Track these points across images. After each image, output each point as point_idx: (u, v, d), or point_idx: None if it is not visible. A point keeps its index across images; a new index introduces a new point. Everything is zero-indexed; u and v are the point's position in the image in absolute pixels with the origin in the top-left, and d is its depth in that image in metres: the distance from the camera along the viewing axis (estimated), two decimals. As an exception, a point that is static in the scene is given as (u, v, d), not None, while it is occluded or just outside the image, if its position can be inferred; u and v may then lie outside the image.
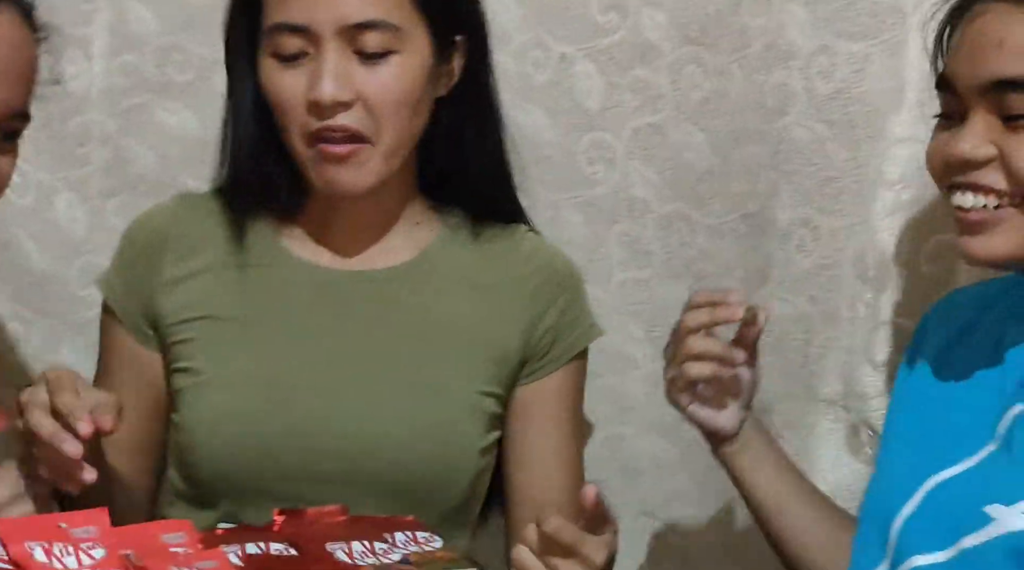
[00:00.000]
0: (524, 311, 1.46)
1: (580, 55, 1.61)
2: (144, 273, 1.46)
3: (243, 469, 1.41)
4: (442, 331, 1.46)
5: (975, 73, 1.17)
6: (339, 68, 1.32)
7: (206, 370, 1.43)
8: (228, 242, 1.46)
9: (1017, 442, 1.17)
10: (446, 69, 1.40)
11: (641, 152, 1.63)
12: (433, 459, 1.41)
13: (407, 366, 1.44)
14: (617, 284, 1.63)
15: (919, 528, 1.22)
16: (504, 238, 1.48)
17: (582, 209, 1.61)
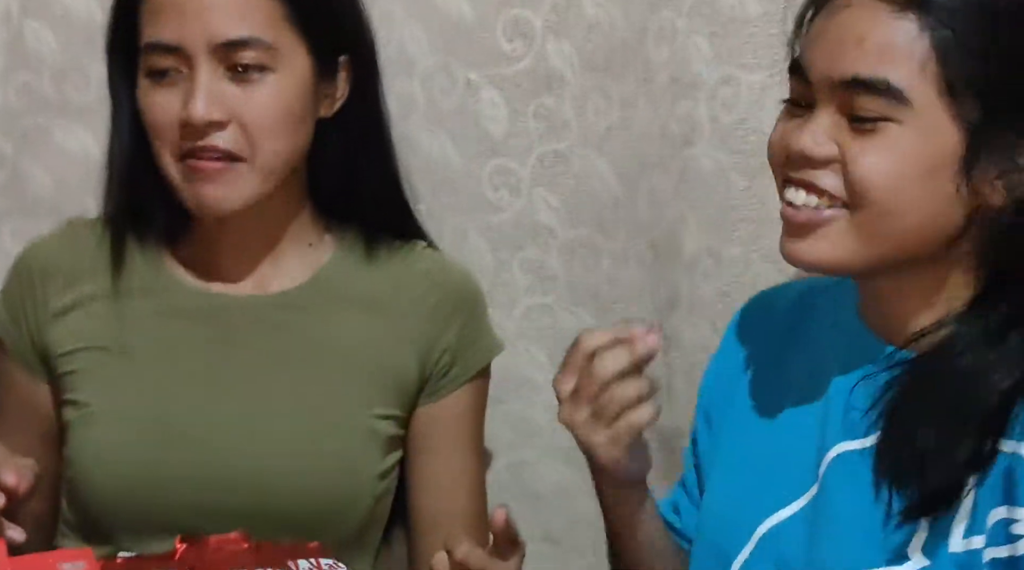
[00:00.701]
0: (421, 330, 1.44)
1: (485, 82, 1.62)
2: (31, 304, 1.44)
3: (133, 504, 1.38)
4: (336, 355, 1.44)
5: (830, 67, 1.14)
6: (212, 87, 1.31)
7: (92, 403, 1.40)
8: (113, 270, 1.44)
9: (829, 491, 1.17)
10: (329, 89, 1.39)
11: (546, 179, 1.64)
12: (330, 487, 1.39)
13: (300, 393, 1.43)
14: (522, 310, 1.63)
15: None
16: (400, 256, 1.46)
17: (486, 234, 1.61)
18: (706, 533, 1.25)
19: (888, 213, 1.10)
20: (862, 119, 1.09)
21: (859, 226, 1.11)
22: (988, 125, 1.09)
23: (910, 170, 1.10)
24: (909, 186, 1.10)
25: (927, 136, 1.09)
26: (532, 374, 1.64)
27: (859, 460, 1.14)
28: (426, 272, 1.46)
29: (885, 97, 1.08)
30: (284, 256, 1.43)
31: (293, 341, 1.42)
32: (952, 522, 1.10)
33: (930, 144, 1.09)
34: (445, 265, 1.48)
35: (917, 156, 1.09)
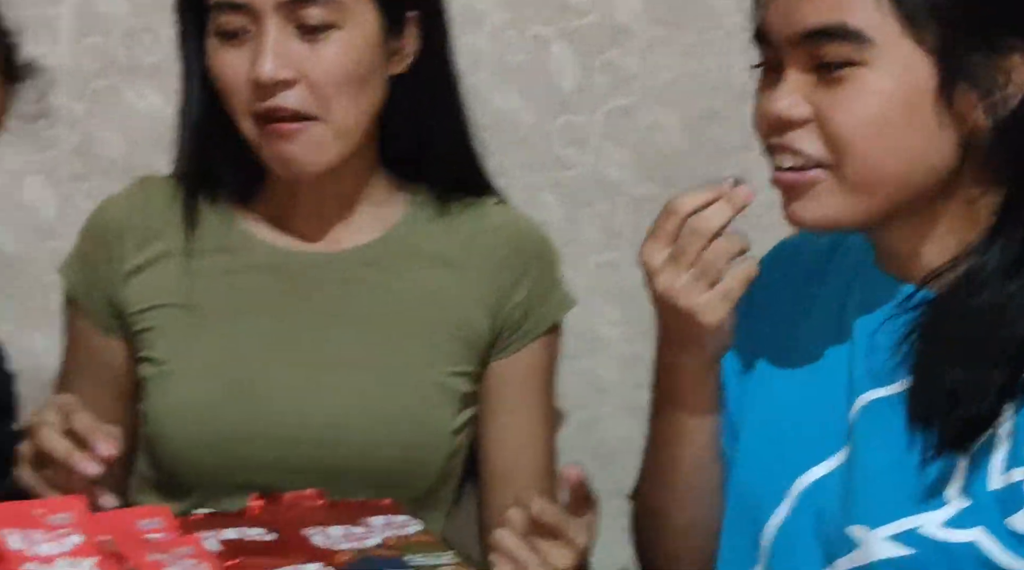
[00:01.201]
0: (493, 286, 1.45)
1: (555, 36, 1.61)
2: (105, 263, 1.46)
3: (210, 461, 1.40)
4: (409, 311, 1.45)
5: (787, 24, 1.13)
6: (279, 46, 1.31)
7: (168, 360, 1.42)
8: (185, 227, 1.45)
9: (860, 442, 1.17)
10: (398, 46, 1.38)
11: (614, 135, 1.64)
12: (403, 444, 1.40)
13: (373, 350, 1.43)
14: (592, 266, 1.63)
15: (791, 542, 1.21)
16: (472, 212, 1.46)
17: (556, 191, 1.62)
18: (738, 491, 1.25)
19: (874, 162, 1.10)
20: (829, 68, 1.09)
21: (846, 181, 1.10)
22: (956, 50, 1.09)
23: (887, 112, 1.09)
24: (889, 130, 1.09)
25: (897, 73, 1.09)
26: (603, 330, 1.64)
27: (889, 407, 1.14)
28: (498, 227, 1.46)
29: (846, 41, 1.08)
30: (356, 213, 1.44)
31: (365, 297, 1.43)
32: (989, 459, 1.09)
33: (902, 81, 1.09)
34: (517, 220, 1.48)
35: (891, 96, 1.09)
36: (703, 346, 1.19)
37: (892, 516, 1.10)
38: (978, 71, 1.08)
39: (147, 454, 1.44)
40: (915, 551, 1.10)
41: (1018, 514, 1.06)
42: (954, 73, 1.07)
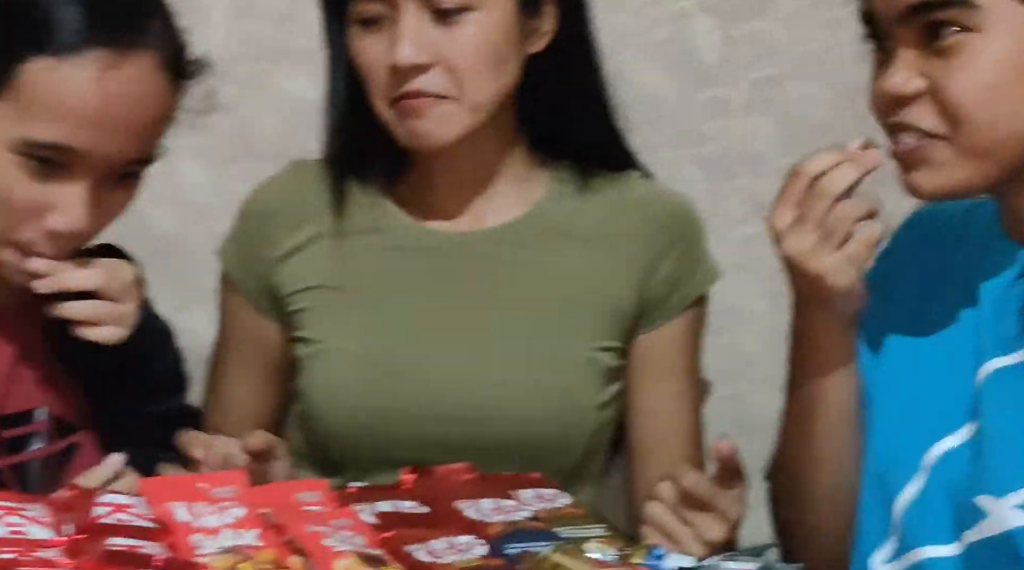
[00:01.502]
0: (639, 260, 1.44)
1: (697, 8, 1.60)
2: (260, 246, 1.49)
3: (364, 437, 1.43)
4: (554, 287, 1.45)
5: (891, 2, 1.12)
6: (417, 31, 1.33)
7: (322, 340, 1.45)
8: (335, 210, 1.48)
9: (988, 411, 1.15)
10: (535, 25, 1.39)
11: (759, 106, 1.63)
12: (551, 419, 1.41)
13: (520, 326, 1.44)
14: (738, 239, 1.61)
15: (923, 514, 1.20)
16: (615, 187, 1.46)
17: (701, 164, 1.60)
18: (872, 463, 1.23)
19: (990, 128, 1.08)
20: (938, 38, 1.08)
21: (964, 149, 1.09)
22: None
23: (1001, 77, 1.08)
24: (1004, 95, 1.08)
25: (1008, 36, 1.07)
26: (748, 304, 1.62)
27: (1015, 375, 1.12)
28: (642, 202, 1.46)
29: (953, 7, 1.06)
30: (499, 192, 1.45)
31: (511, 274, 1.44)
32: None
33: (1014, 44, 1.08)
34: (661, 194, 1.47)
35: (1004, 61, 1.08)
36: (833, 309, 1.18)
37: (1020, 483, 1.09)
38: None
39: (302, 430, 1.47)
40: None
41: None
42: None
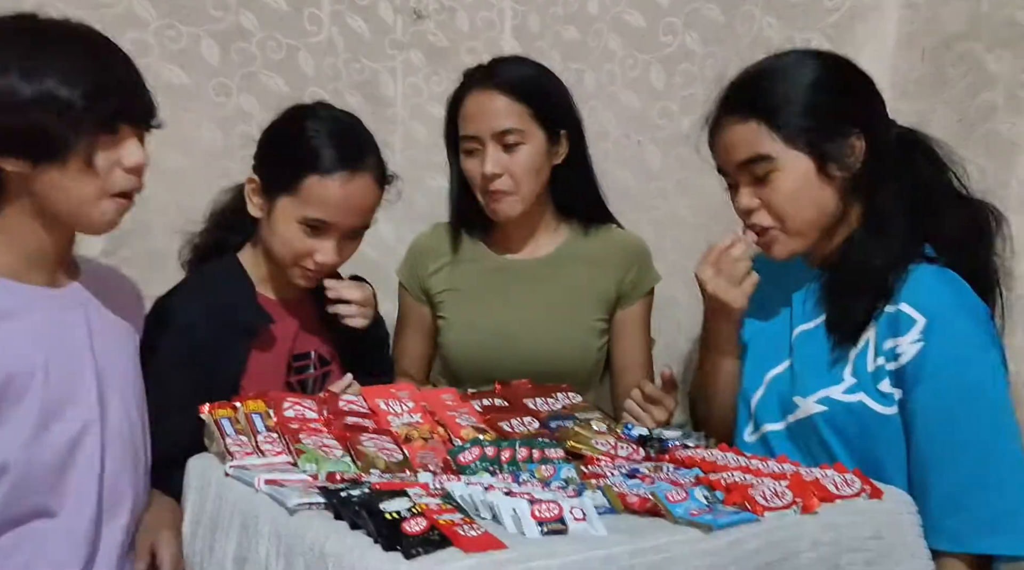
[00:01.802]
0: (617, 272, 1.66)
1: (647, 141, 1.86)
2: (417, 268, 1.74)
3: (472, 368, 1.67)
4: (572, 290, 1.67)
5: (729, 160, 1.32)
6: (495, 156, 1.57)
7: (449, 318, 1.71)
8: (453, 250, 1.72)
9: (797, 352, 1.34)
10: (557, 149, 1.62)
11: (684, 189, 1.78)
12: (574, 357, 1.65)
13: (554, 311, 1.65)
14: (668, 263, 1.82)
15: (765, 407, 1.37)
16: (603, 233, 1.68)
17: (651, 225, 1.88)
18: (742, 380, 1.44)
19: (800, 220, 1.31)
20: (760, 176, 1.30)
21: (790, 233, 1.33)
22: (818, 147, 1.28)
23: (798, 192, 1.30)
24: (803, 200, 1.30)
25: (794, 170, 1.29)
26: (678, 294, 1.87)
27: (811, 333, 1.35)
28: (617, 241, 1.69)
29: (761, 162, 1.29)
30: (541, 237, 1.70)
31: (549, 281, 1.67)
32: (866, 353, 1.27)
33: (798, 173, 1.29)
34: (628, 236, 1.72)
35: (796, 182, 1.30)
36: (733, 319, 1.37)
37: (815, 389, 1.31)
38: (834, 153, 1.28)
39: (442, 364, 1.74)
40: (827, 408, 1.29)
41: (882, 382, 1.25)
42: (822, 159, 1.28)
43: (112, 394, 1.27)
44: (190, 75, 1.81)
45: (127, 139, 1.18)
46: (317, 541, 0.98)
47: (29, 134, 1.13)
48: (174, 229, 1.63)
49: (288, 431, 1.25)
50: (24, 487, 1.16)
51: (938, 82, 1.57)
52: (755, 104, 1.29)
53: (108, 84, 1.15)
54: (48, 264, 1.25)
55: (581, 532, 0.99)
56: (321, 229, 1.46)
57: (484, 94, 1.57)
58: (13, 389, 1.16)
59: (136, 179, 1.20)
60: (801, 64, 1.32)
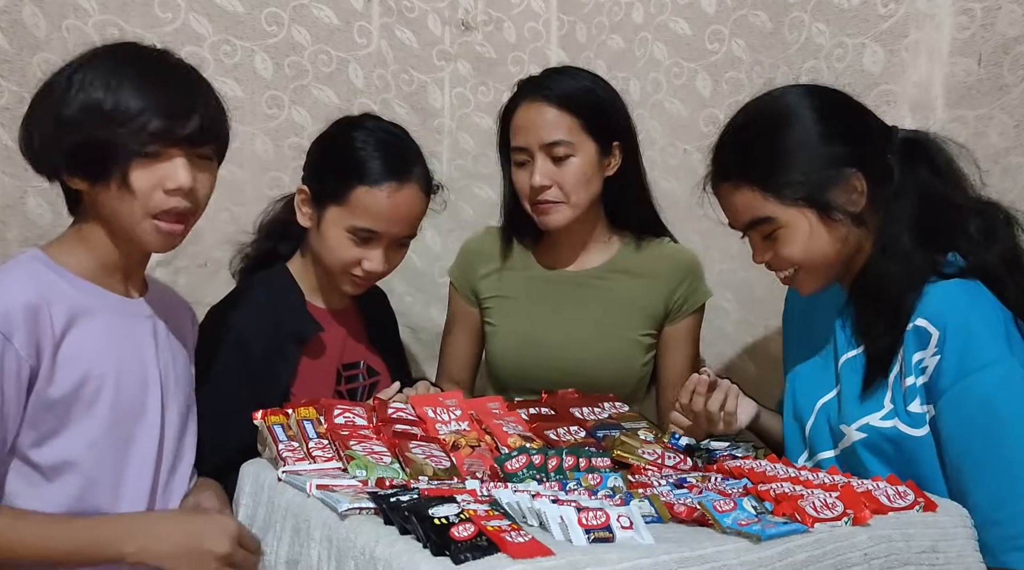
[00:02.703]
0: (667, 288, 1.67)
1: (693, 149, 1.86)
2: (468, 270, 1.76)
3: (518, 376, 1.68)
4: (621, 303, 1.68)
5: (737, 220, 1.34)
6: (543, 168, 1.57)
7: (496, 324, 1.73)
8: (503, 257, 1.73)
9: (844, 380, 1.34)
10: (609, 161, 1.62)
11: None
12: (617, 371, 1.66)
13: (602, 322, 1.66)
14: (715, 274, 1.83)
15: (817, 436, 1.37)
16: (655, 247, 1.69)
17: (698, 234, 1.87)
18: (790, 407, 1.45)
19: (818, 262, 1.32)
20: (768, 234, 1.32)
21: (809, 274, 1.34)
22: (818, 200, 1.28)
23: (806, 242, 1.31)
24: (814, 246, 1.31)
25: (797, 225, 1.30)
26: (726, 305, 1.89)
27: (854, 360, 1.36)
28: (669, 254, 1.70)
29: (766, 223, 1.30)
30: (592, 249, 1.70)
31: (597, 294, 1.68)
32: (900, 378, 1.27)
33: (801, 227, 1.30)
34: (680, 250, 1.71)
35: (802, 235, 1.30)
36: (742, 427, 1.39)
37: (857, 416, 1.31)
38: (835, 199, 1.27)
39: (489, 369, 1.75)
40: (867, 435, 1.30)
41: (913, 402, 1.25)
42: (823, 210, 1.27)
43: (170, 399, 1.31)
44: (244, 89, 1.85)
45: (171, 161, 1.21)
46: (368, 545, 1.00)
47: (76, 154, 1.18)
48: (227, 239, 1.68)
49: (338, 438, 1.27)
50: (86, 487, 1.21)
51: (995, 88, 1.56)
52: (744, 170, 1.28)
53: (145, 107, 1.18)
54: (121, 275, 1.30)
55: (628, 540, 1.00)
56: (369, 238, 1.49)
57: (534, 106, 1.57)
58: (88, 389, 1.21)
59: (178, 201, 1.22)
60: (785, 114, 1.29)
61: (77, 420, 1.19)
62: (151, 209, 1.22)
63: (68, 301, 1.21)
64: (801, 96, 1.32)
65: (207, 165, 1.26)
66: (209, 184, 1.26)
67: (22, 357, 1.15)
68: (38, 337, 1.16)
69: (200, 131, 1.21)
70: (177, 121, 1.19)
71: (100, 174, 1.19)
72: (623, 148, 1.62)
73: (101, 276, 1.27)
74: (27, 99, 1.23)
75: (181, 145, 1.21)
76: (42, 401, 1.18)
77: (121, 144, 1.17)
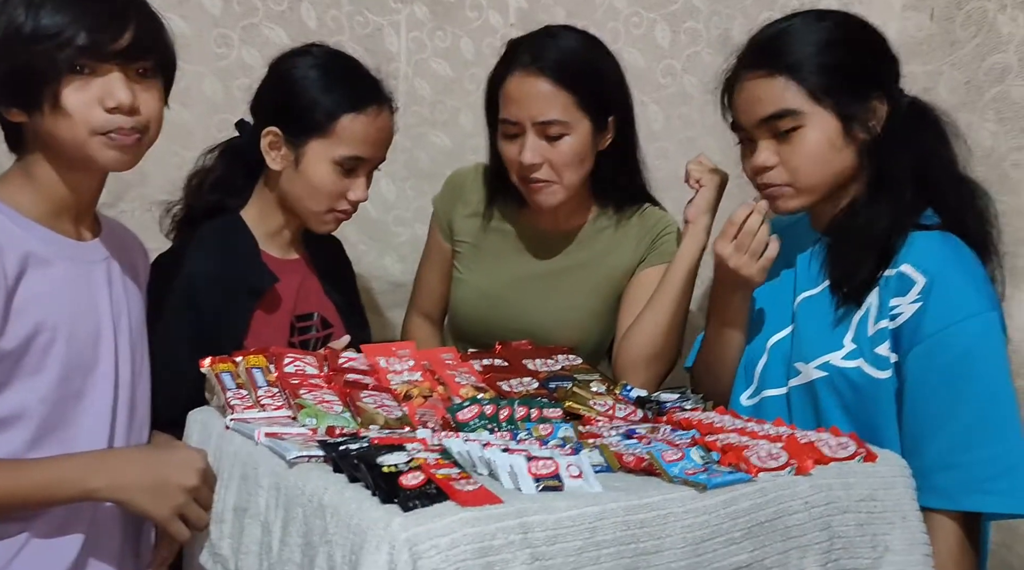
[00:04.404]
0: (634, 251, 1.65)
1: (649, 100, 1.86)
2: (450, 202, 1.73)
3: (477, 328, 1.68)
4: (588, 271, 1.67)
5: (751, 116, 1.33)
6: (534, 145, 1.53)
7: (462, 272, 1.72)
8: (487, 205, 1.69)
9: (800, 318, 1.37)
10: (602, 137, 1.58)
11: None
12: (572, 338, 1.63)
13: (566, 289, 1.66)
14: None
15: (768, 373, 1.40)
16: (632, 214, 1.66)
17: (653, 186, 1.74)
18: (748, 345, 1.46)
19: (816, 179, 1.32)
20: (783, 132, 1.31)
21: (800, 191, 1.34)
22: (844, 107, 1.29)
23: (821, 150, 1.30)
24: (824, 160, 1.31)
25: (820, 128, 1.30)
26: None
27: (815, 298, 1.38)
28: (646, 218, 1.67)
29: (790, 117, 1.30)
30: (569, 215, 1.67)
31: (570, 257, 1.68)
32: (866, 319, 1.29)
33: (824, 131, 1.30)
34: (656, 213, 1.68)
35: (821, 141, 1.30)
36: (749, 292, 1.39)
37: (817, 354, 1.33)
38: (858, 114, 1.29)
39: (449, 316, 1.74)
40: (827, 374, 1.32)
41: (881, 345, 1.27)
42: (847, 120, 1.28)
43: (123, 348, 1.30)
44: (191, 26, 1.81)
45: (107, 76, 1.17)
46: (316, 493, 1.01)
47: (4, 83, 1.15)
48: (174, 183, 1.64)
49: (288, 386, 1.27)
50: (39, 437, 1.19)
51: (946, 43, 1.57)
52: (782, 60, 1.30)
53: (69, 22, 1.14)
54: (72, 215, 1.27)
55: (577, 489, 1.01)
56: (354, 167, 1.48)
57: (528, 78, 1.52)
58: (40, 341, 1.19)
59: (123, 118, 1.18)
60: (826, 22, 1.34)
61: (28, 372, 1.18)
62: (95, 128, 1.18)
63: (20, 247, 1.18)
64: (847, 16, 1.37)
65: (151, 83, 1.22)
66: (155, 104, 1.22)
67: None
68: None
69: (134, 45, 1.17)
70: (107, 34, 1.15)
71: (32, 100, 1.15)
72: (618, 122, 1.60)
73: (52, 218, 1.24)
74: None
75: (114, 60, 1.17)
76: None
77: (48, 64, 1.13)
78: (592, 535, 0.96)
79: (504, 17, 2.04)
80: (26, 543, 1.18)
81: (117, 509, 1.21)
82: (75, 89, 1.16)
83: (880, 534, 1.15)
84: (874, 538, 1.14)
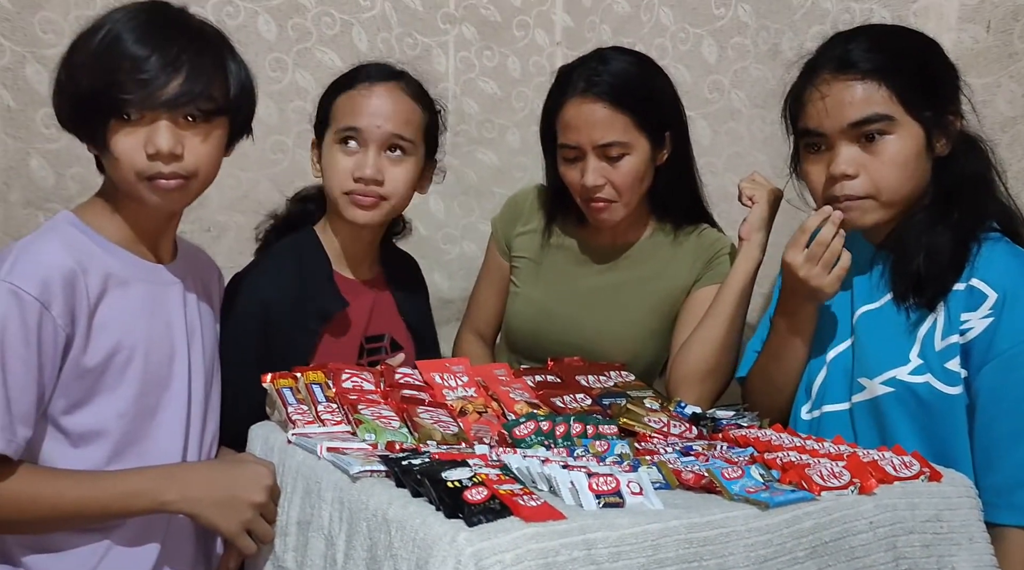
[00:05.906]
0: (690, 271, 1.64)
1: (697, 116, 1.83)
2: (509, 222, 1.75)
3: (531, 342, 1.69)
4: (644, 289, 1.66)
5: (838, 120, 1.29)
6: (596, 167, 1.55)
7: (520, 286, 1.73)
8: (546, 225, 1.71)
9: (860, 333, 1.35)
10: (660, 152, 1.58)
11: None
12: (631, 354, 1.63)
13: (621, 305, 1.65)
14: None
15: (828, 388, 1.37)
16: (691, 233, 1.66)
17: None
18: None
19: (900, 191, 1.30)
20: (871, 140, 1.28)
21: (882, 205, 1.31)
22: (931, 118, 1.28)
23: (907, 160, 1.28)
24: (908, 170, 1.28)
25: (909, 137, 1.28)
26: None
27: (876, 313, 1.36)
28: (702, 238, 1.67)
29: (882, 121, 1.27)
30: (629, 228, 1.67)
31: (626, 271, 1.68)
32: (934, 332, 1.27)
33: (910, 137, 1.28)
34: (710, 233, 1.67)
35: (906, 152, 1.27)
36: (820, 302, 1.36)
37: (881, 370, 1.31)
38: (939, 127, 1.28)
39: (504, 330, 1.74)
40: (894, 390, 1.29)
41: (951, 361, 1.26)
42: (931, 132, 1.27)
43: (196, 366, 1.33)
44: (247, 51, 1.74)
45: (153, 124, 1.19)
46: (380, 507, 1.01)
47: (73, 118, 1.20)
48: (230, 204, 1.68)
49: (347, 401, 1.28)
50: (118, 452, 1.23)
51: (1004, 55, 1.55)
52: (877, 64, 1.27)
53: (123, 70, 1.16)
54: (150, 239, 1.30)
55: (638, 506, 1.01)
56: (353, 138, 1.47)
57: (585, 103, 1.53)
58: (119, 359, 1.22)
59: (160, 165, 1.19)
60: (910, 34, 1.33)
61: (107, 389, 1.21)
62: (139, 172, 1.21)
63: (102, 268, 1.22)
64: (921, 32, 1.37)
65: (202, 128, 1.23)
66: (204, 149, 1.23)
67: (59, 325, 1.16)
68: (74, 305, 1.17)
69: (183, 93, 1.18)
70: (153, 86, 1.17)
71: (90, 140, 1.20)
72: (674, 136, 1.60)
73: (131, 242, 1.28)
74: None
75: (161, 108, 1.18)
76: (75, 369, 1.19)
77: (96, 111, 1.16)
78: (655, 552, 0.95)
79: (551, 36, 2.06)
80: (108, 550, 1.21)
81: (190, 520, 1.23)
82: (124, 134, 1.19)
83: (946, 556, 1.13)
84: (940, 560, 1.13)
